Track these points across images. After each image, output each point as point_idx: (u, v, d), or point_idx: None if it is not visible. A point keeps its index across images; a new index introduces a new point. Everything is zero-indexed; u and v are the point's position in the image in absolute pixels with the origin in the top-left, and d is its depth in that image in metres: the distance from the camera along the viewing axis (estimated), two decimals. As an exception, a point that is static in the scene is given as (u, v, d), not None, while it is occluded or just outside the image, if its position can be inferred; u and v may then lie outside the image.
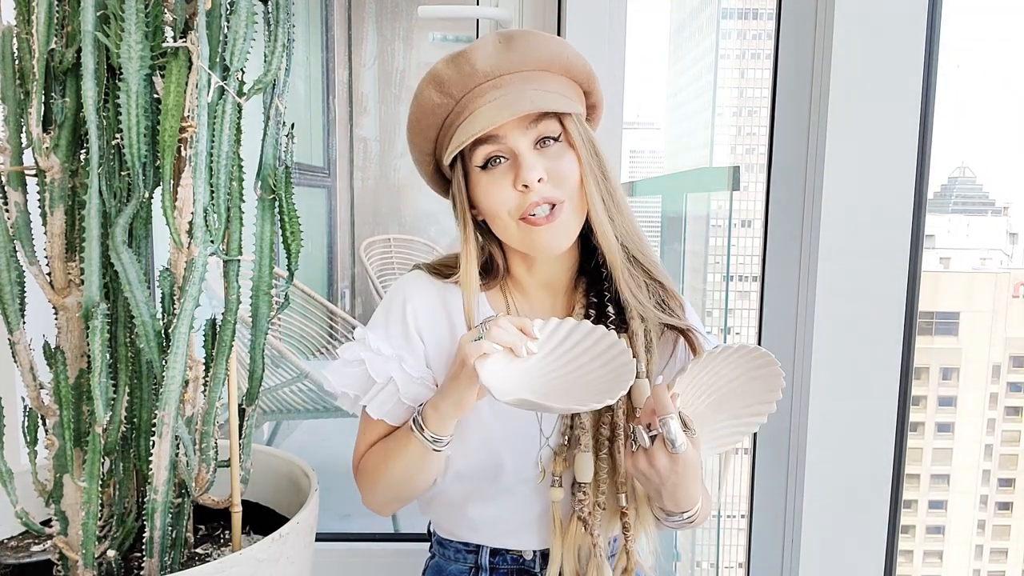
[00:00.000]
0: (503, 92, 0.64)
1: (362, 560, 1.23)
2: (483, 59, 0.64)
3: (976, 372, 13.54)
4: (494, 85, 0.64)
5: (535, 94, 0.63)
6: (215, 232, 0.61)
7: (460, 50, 0.65)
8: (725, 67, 2.95)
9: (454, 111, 0.66)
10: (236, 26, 0.60)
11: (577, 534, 0.68)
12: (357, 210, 2.81)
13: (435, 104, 0.66)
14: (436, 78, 0.66)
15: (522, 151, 0.64)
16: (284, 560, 0.64)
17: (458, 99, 0.65)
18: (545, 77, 0.65)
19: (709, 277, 1.70)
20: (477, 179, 0.66)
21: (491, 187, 0.65)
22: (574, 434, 0.68)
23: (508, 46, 0.65)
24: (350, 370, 0.70)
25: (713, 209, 1.66)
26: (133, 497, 0.67)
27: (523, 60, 0.65)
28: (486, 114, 0.63)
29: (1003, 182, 41.20)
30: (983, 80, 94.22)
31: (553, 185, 0.65)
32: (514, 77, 0.64)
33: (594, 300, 0.71)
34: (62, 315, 0.63)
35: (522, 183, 0.64)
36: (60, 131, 0.60)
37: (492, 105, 0.63)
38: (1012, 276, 12.45)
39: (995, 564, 14.80)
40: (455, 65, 0.65)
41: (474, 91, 0.65)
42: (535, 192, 0.64)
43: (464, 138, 0.63)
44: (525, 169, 0.63)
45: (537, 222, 0.64)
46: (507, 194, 0.65)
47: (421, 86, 0.67)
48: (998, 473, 14.12)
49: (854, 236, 1.00)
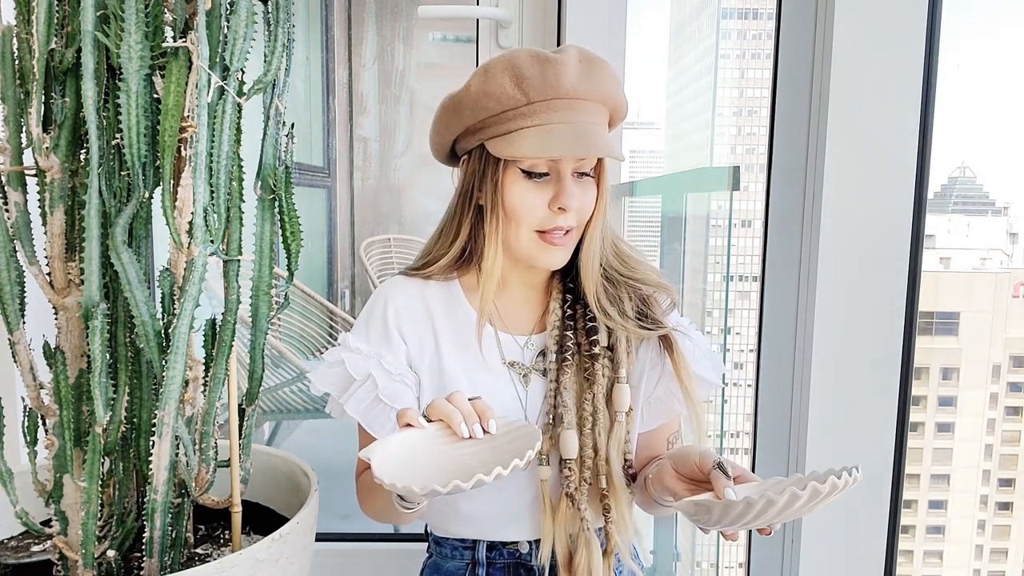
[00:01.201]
0: (577, 118, 0.66)
1: (362, 560, 1.23)
2: (568, 75, 0.66)
3: (976, 372, 13.54)
4: (569, 106, 0.66)
5: (602, 133, 0.67)
6: (215, 232, 0.61)
7: (547, 54, 0.67)
8: (725, 67, 2.95)
9: (520, 109, 0.66)
10: (236, 26, 0.60)
11: (567, 512, 0.70)
12: (357, 210, 2.81)
13: (506, 94, 0.66)
14: (517, 70, 0.66)
15: (566, 177, 0.68)
16: (284, 560, 0.64)
17: (531, 100, 0.66)
18: (602, 112, 0.69)
19: (709, 277, 1.70)
20: (514, 180, 0.68)
21: (528, 194, 0.68)
22: (557, 413, 0.70)
23: (589, 72, 0.67)
24: (331, 371, 0.71)
25: (713, 209, 1.66)
26: (133, 497, 0.67)
27: (595, 91, 0.67)
28: (565, 137, 0.65)
29: (1003, 182, 41.17)
30: (983, 80, 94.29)
31: (577, 216, 0.69)
32: (586, 105, 0.67)
33: (570, 297, 0.74)
34: (62, 315, 0.63)
35: (559, 205, 0.67)
36: (60, 131, 0.60)
37: (569, 130, 0.65)
38: (1012, 276, 12.45)
39: (995, 564, 14.80)
40: (541, 67, 0.66)
41: (550, 102, 0.66)
42: (563, 217, 0.68)
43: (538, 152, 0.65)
44: (567, 195, 0.67)
45: (554, 241, 0.69)
46: (538, 206, 0.68)
47: (496, 70, 0.67)
48: (998, 473, 14.12)
49: (854, 236, 1.00)
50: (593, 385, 0.70)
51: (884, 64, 0.97)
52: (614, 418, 0.70)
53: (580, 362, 0.71)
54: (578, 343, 0.72)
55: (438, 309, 0.73)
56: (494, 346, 0.73)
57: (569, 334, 0.72)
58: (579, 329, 0.72)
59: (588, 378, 0.70)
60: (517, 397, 0.72)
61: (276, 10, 0.65)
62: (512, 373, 0.73)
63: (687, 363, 0.71)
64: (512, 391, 0.72)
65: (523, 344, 0.74)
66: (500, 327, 0.74)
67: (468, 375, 0.72)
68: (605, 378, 0.70)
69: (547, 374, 0.72)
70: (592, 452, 0.69)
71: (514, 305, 0.75)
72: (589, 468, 0.69)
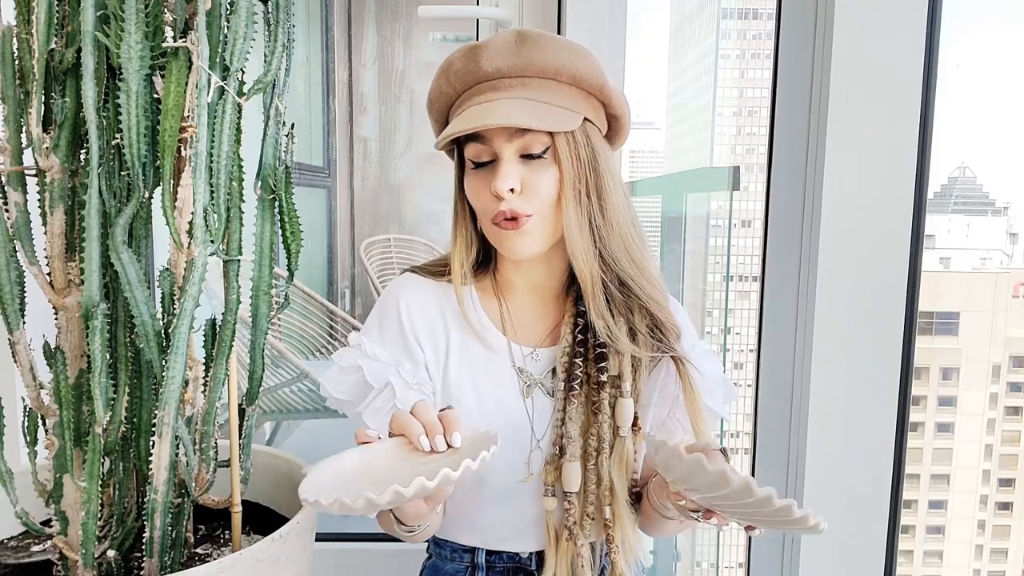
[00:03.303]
0: (497, 96, 0.63)
1: (362, 560, 1.23)
2: (489, 57, 0.64)
3: (976, 372, 13.52)
4: (492, 87, 0.64)
5: (524, 105, 0.62)
6: (215, 232, 0.61)
7: (477, 43, 0.66)
8: (725, 67, 2.95)
9: (455, 103, 0.68)
10: (236, 26, 0.60)
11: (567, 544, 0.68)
12: (357, 210, 2.81)
13: (442, 92, 0.68)
14: (448, 67, 0.67)
15: (504, 159, 0.64)
16: (284, 560, 0.64)
17: (459, 92, 0.67)
18: (547, 86, 0.64)
19: (709, 277, 1.70)
20: (468, 173, 0.68)
21: (474, 185, 0.67)
22: (562, 444, 0.68)
23: (519, 48, 0.64)
24: (347, 377, 0.69)
25: (713, 209, 1.66)
26: (133, 497, 0.67)
27: (528, 65, 0.63)
28: (467, 117, 0.63)
29: (1003, 182, 41.08)
30: (983, 80, 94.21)
31: (524, 199, 0.64)
32: (514, 82, 0.64)
33: (581, 321, 0.69)
34: (62, 315, 0.63)
35: (493, 191, 0.64)
36: (60, 131, 0.60)
37: (479, 108, 0.63)
38: (1012, 276, 12.43)
39: (995, 564, 14.78)
40: (464, 58, 0.66)
41: (473, 88, 0.65)
42: (505, 202, 0.64)
43: (448, 133, 0.63)
44: (498, 178, 0.63)
45: (503, 226, 0.65)
46: (483, 195, 0.65)
47: (437, 72, 0.69)
48: (998, 473, 14.10)
49: (854, 236, 1.00)
50: (599, 414, 0.66)
51: (884, 64, 0.97)
52: (617, 434, 0.67)
53: (588, 392, 0.68)
54: (587, 373, 0.68)
55: (451, 309, 0.71)
56: (506, 353, 0.71)
57: (578, 362, 0.68)
58: (589, 359, 0.68)
59: (595, 409, 0.67)
60: (523, 408, 0.70)
61: (276, 10, 0.65)
62: (520, 380, 0.70)
63: (698, 395, 0.67)
64: (519, 402, 0.70)
65: (530, 355, 0.71)
66: (511, 336, 0.71)
67: (474, 382, 0.70)
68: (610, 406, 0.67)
69: (553, 395, 0.70)
70: (595, 484, 0.67)
71: (523, 313, 0.73)
72: (592, 502, 0.67)
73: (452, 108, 0.68)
